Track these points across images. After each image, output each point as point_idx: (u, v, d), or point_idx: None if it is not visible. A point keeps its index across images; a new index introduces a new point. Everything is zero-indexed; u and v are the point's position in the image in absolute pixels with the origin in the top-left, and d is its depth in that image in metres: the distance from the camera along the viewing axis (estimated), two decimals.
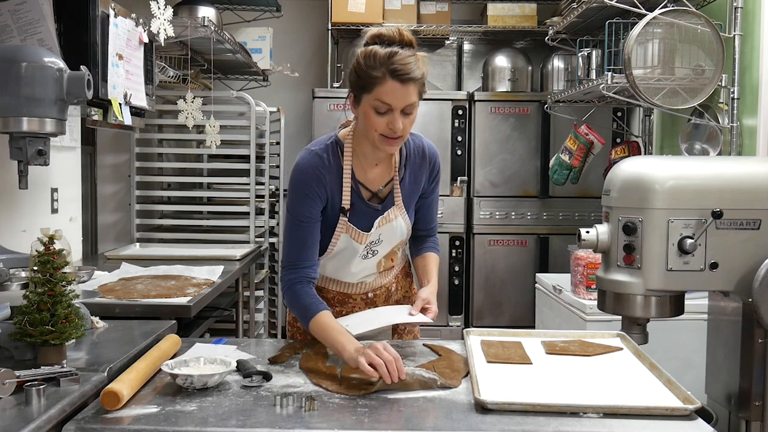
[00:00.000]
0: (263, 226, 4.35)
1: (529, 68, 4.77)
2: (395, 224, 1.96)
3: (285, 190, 4.78)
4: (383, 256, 2.01)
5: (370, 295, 2.06)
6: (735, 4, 3.02)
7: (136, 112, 2.79)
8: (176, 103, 3.36)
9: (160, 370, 1.58)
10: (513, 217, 4.61)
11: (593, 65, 3.69)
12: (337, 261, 1.98)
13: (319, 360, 1.75)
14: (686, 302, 1.94)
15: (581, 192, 4.51)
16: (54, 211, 2.97)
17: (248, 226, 4.14)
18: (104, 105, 2.49)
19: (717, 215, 1.78)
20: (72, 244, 2.37)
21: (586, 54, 3.73)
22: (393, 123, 1.77)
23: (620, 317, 1.96)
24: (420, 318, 1.87)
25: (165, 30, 2.81)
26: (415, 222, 2.06)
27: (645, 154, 4.09)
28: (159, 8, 2.78)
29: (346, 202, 1.89)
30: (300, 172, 1.87)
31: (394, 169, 1.95)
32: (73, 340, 1.70)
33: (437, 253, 2.12)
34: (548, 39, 4.03)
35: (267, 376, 1.59)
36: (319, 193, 1.86)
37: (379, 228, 1.93)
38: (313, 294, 1.85)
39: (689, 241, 1.78)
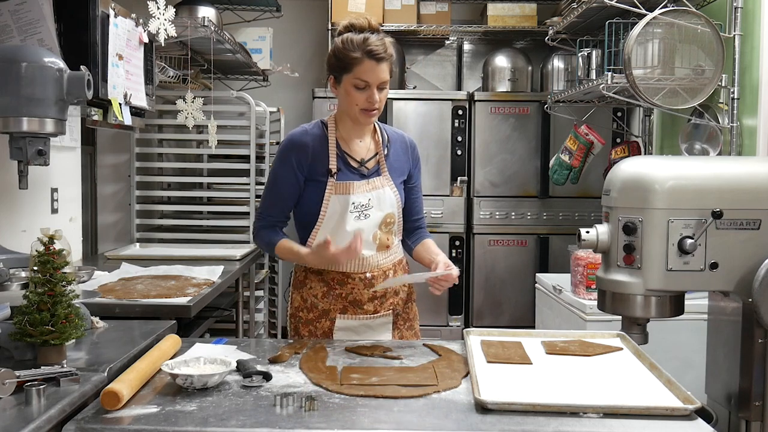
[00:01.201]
0: None
1: (529, 68, 4.77)
2: (383, 192, 2.15)
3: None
4: (377, 224, 2.14)
5: (368, 275, 2.14)
6: (735, 4, 3.02)
7: (136, 112, 2.79)
8: (176, 103, 3.36)
9: (160, 370, 1.58)
10: (513, 217, 4.61)
11: (593, 65, 3.69)
12: (330, 225, 2.11)
13: (319, 360, 1.75)
14: (686, 302, 1.94)
15: (581, 192, 4.51)
16: (54, 211, 2.97)
17: (248, 226, 4.13)
18: (104, 105, 2.49)
19: (717, 215, 1.79)
20: (72, 244, 2.37)
21: (586, 54, 3.73)
22: (371, 97, 2.06)
23: (620, 317, 1.96)
24: (445, 272, 2.04)
25: (166, 30, 2.81)
26: (405, 210, 2.24)
27: (645, 154, 4.09)
28: (158, 8, 2.78)
29: (332, 165, 2.12)
30: (285, 140, 2.17)
31: (378, 145, 2.20)
32: (73, 340, 1.70)
33: (432, 240, 2.28)
34: (548, 39, 4.03)
35: (267, 376, 1.59)
36: (296, 161, 2.11)
37: (367, 192, 2.13)
38: (276, 232, 2.17)
39: (689, 241, 1.78)
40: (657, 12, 2.90)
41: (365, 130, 2.18)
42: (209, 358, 1.62)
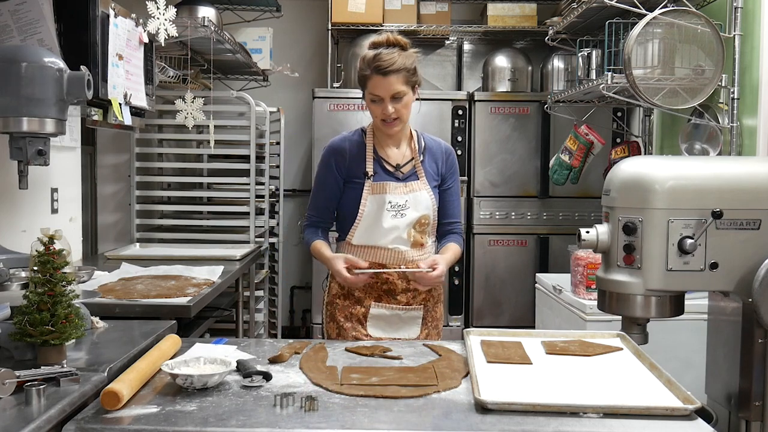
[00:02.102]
0: (263, 226, 4.35)
1: (529, 68, 4.77)
2: (419, 195, 2.28)
3: (286, 190, 4.87)
4: (412, 222, 2.26)
5: (402, 267, 2.26)
6: (735, 4, 3.02)
7: (136, 112, 2.78)
8: (174, 103, 3.36)
9: (160, 370, 1.58)
10: (513, 217, 4.61)
11: (593, 65, 3.69)
12: (368, 223, 2.25)
13: (319, 360, 1.75)
14: (686, 302, 1.94)
15: (581, 192, 4.51)
16: (54, 211, 2.97)
17: (248, 226, 4.14)
18: (104, 105, 2.49)
19: (717, 215, 1.78)
20: (72, 244, 2.37)
21: (586, 54, 3.73)
22: (384, 109, 2.20)
23: (620, 317, 1.96)
24: (423, 269, 2.18)
25: (166, 30, 2.81)
26: (439, 212, 2.34)
27: (645, 154, 4.09)
28: (158, 8, 2.78)
29: (369, 168, 2.27)
30: (327, 146, 2.35)
31: (414, 152, 2.33)
32: (73, 340, 1.70)
33: (459, 245, 2.36)
34: (548, 39, 4.03)
35: (267, 376, 1.59)
36: (336, 164, 2.29)
37: (405, 194, 2.26)
38: (315, 232, 2.35)
39: (689, 241, 1.78)
40: (657, 12, 2.90)
41: (400, 138, 2.32)
42: (209, 358, 1.62)
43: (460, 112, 4.59)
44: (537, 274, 3.62)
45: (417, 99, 2.29)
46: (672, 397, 1.51)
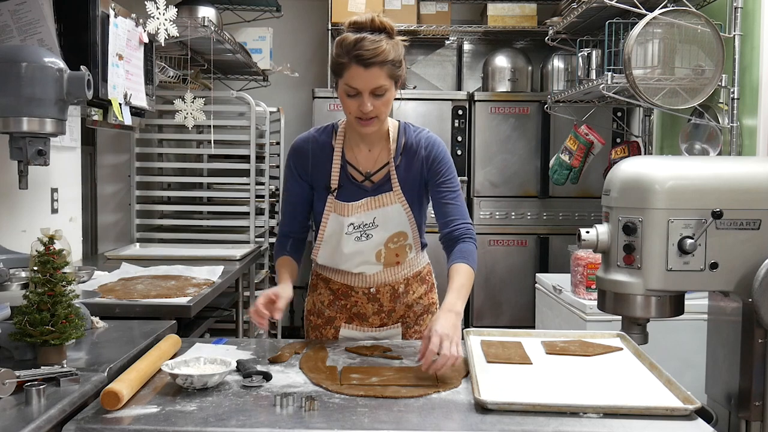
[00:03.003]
0: (263, 226, 4.35)
1: (529, 68, 4.77)
2: (391, 210, 1.96)
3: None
4: (382, 243, 1.98)
5: (372, 290, 2.04)
6: (735, 4, 3.02)
7: (136, 112, 2.78)
8: (174, 103, 3.36)
9: (160, 370, 1.57)
10: (513, 217, 4.61)
11: (593, 65, 3.69)
12: (329, 248, 2.01)
13: (319, 360, 1.75)
14: (686, 302, 1.94)
15: (581, 192, 4.51)
16: (54, 211, 2.97)
17: (248, 226, 4.14)
18: (104, 105, 2.49)
19: (717, 215, 1.78)
20: (72, 244, 2.37)
21: (586, 54, 3.73)
22: (362, 105, 1.84)
23: (620, 317, 1.96)
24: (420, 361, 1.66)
25: (167, 30, 2.81)
26: (437, 216, 2.00)
27: (645, 154, 4.09)
28: (157, 9, 2.78)
29: (333, 181, 1.96)
30: (291, 148, 2.04)
31: (390, 155, 1.98)
32: (73, 340, 1.69)
33: (467, 263, 1.87)
34: (548, 39, 4.03)
35: (267, 376, 1.59)
36: (298, 168, 2.00)
37: (372, 210, 1.95)
38: (283, 247, 2.05)
39: (689, 241, 1.78)
40: (657, 12, 2.90)
41: (374, 138, 1.97)
42: (209, 358, 1.62)
43: (460, 112, 4.59)
44: (537, 274, 3.62)
45: (397, 98, 1.94)
46: (672, 397, 1.51)
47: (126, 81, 2.60)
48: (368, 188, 1.97)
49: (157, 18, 2.78)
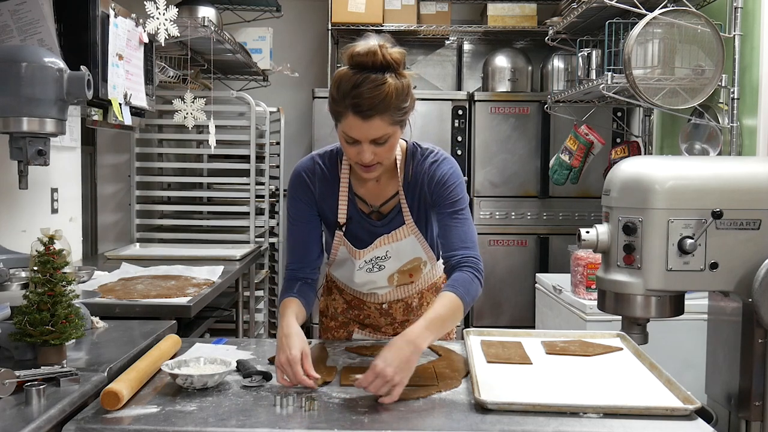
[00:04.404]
0: (263, 226, 4.35)
1: (529, 68, 4.77)
2: (405, 243, 1.86)
3: (285, 191, 4.81)
4: (395, 271, 1.92)
5: (384, 306, 2.02)
6: (735, 4, 3.02)
7: (136, 112, 2.78)
8: (173, 103, 3.36)
9: (160, 370, 1.58)
10: (513, 217, 4.61)
11: (593, 65, 3.69)
12: (341, 269, 1.99)
13: (319, 360, 1.75)
14: (686, 302, 1.94)
15: (581, 192, 4.51)
16: (54, 211, 2.97)
17: (248, 226, 4.14)
18: (104, 105, 2.49)
19: (717, 215, 1.78)
20: (72, 244, 2.37)
21: (586, 54, 3.73)
22: (361, 155, 1.67)
23: (620, 317, 1.96)
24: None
25: (167, 30, 2.81)
26: (439, 241, 1.87)
27: (645, 154, 4.09)
28: (157, 9, 2.78)
29: (342, 216, 1.84)
30: (292, 174, 1.88)
31: (399, 185, 1.84)
32: (73, 340, 1.70)
33: (454, 292, 1.67)
34: (548, 39, 4.03)
35: (267, 376, 1.59)
36: (304, 198, 1.85)
37: (384, 245, 1.86)
38: (290, 286, 1.82)
39: (689, 241, 1.78)
40: (657, 12, 2.90)
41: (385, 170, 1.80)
42: (209, 358, 1.62)
43: (460, 112, 4.59)
44: (537, 274, 3.62)
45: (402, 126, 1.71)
46: (672, 397, 1.51)
47: (126, 81, 2.60)
48: (378, 223, 1.86)
49: (157, 18, 2.78)
